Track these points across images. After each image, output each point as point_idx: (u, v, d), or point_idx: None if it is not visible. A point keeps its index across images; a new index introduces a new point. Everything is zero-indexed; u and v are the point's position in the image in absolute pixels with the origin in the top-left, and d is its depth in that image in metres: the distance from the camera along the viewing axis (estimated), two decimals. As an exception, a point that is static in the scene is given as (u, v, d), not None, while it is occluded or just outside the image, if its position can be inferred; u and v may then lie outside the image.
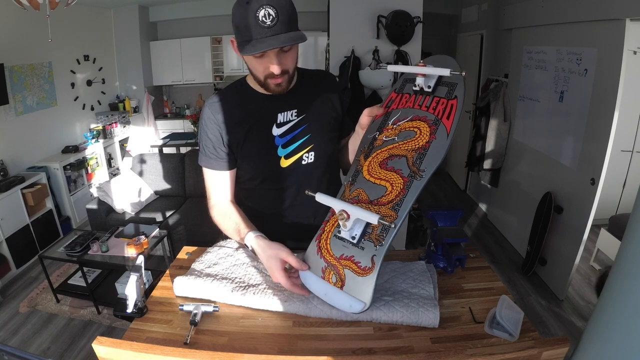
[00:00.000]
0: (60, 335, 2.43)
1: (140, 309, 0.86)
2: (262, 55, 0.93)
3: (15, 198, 3.11)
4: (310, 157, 1.10)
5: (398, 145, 0.88)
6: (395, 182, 0.84)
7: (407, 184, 0.82)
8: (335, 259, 0.86)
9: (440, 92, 0.88)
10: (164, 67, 5.59)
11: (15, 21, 3.41)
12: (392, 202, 0.82)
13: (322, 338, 0.80)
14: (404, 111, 0.92)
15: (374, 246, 0.81)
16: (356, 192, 0.89)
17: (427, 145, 0.84)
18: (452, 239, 0.99)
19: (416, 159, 0.84)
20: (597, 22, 2.24)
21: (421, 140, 0.85)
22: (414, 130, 0.87)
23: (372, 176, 0.88)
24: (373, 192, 0.86)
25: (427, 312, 0.81)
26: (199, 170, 1.20)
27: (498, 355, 0.73)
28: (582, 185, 2.39)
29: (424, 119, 0.87)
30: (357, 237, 0.84)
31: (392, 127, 0.91)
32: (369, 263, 0.81)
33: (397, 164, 0.86)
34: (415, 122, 0.88)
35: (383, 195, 0.84)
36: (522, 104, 3.17)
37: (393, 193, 0.83)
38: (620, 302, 0.61)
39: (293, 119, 1.08)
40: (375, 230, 0.83)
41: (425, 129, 0.86)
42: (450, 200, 4.54)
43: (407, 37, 2.53)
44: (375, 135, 0.94)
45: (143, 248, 2.55)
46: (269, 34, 0.87)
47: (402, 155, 0.86)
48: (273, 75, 0.96)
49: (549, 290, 2.73)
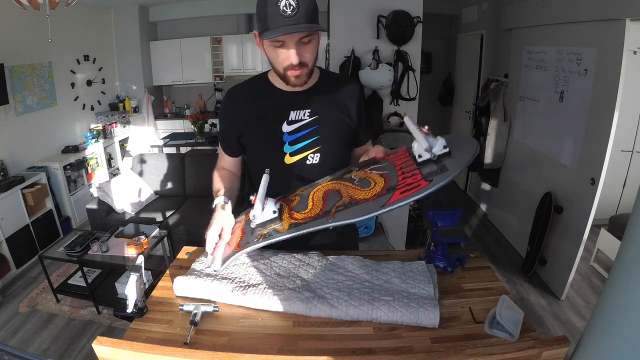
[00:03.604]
0: (60, 335, 2.43)
1: (140, 309, 0.86)
2: (282, 44, 0.95)
3: (15, 198, 3.11)
4: (316, 158, 1.11)
5: (349, 186, 0.91)
6: (314, 209, 0.90)
7: (317, 217, 0.87)
8: (238, 245, 0.93)
9: (427, 167, 0.83)
10: (164, 67, 5.59)
11: (15, 21, 3.41)
12: (299, 220, 0.89)
13: (322, 338, 0.80)
14: (388, 165, 0.92)
15: (257, 240, 0.90)
16: (296, 197, 1.00)
17: (362, 201, 0.84)
18: (452, 239, 0.99)
19: (343, 205, 0.86)
20: (597, 22, 2.24)
21: (363, 194, 0.86)
22: (372, 182, 0.88)
23: (314, 194, 0.96)
24: (301, 204, 0.95)
25: (427, 312, 0.81)
26: (199, 170, 1.23)
27: (498, 355, 0.73)
28: (582, 185, 2.39)
29: (388, 179, 0.86)
30: (256, 222, 0.94)
31: (365, 171, 0.94)
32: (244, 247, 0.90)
33: (332, 198, 0.90)
34: (380, 178, 0.88)
35: (300, 212, 0.92)
36: (522, 104, 3.17)
37: (306, 214, 0.90)
38: (620, 302, 0.61)
39: (305, 119, 1.09)
40: (266, 229, 0.92)
41: (378, 188, 0.85)
42: (450, 200, 4.54)
43: (407, 37, 2.53)
44: (352, 168, 0.99)
45: (143, 248, 2.55)
46: (288, 23, 0.90)
47: (341, 196, 0.89)
48: (292, 66, 0.97)
49: (549, 290, 2.73)
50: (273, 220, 0.94)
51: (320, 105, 1.11)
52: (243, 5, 5.24)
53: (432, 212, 1.03)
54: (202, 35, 5.49)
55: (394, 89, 2.63)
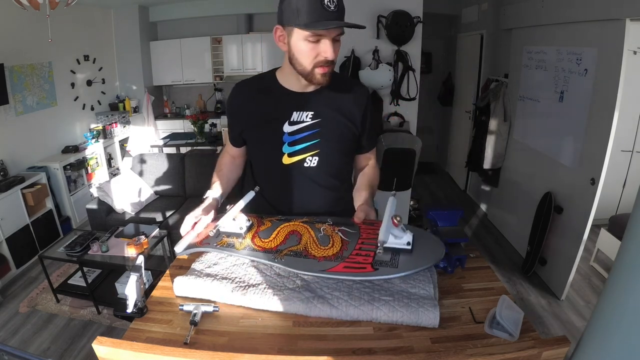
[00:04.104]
0: (60, 335, 2.43)
1: (140, 309, 0.86)
2: (318, 40, 0.95)
3: (15, 198, 3.11)
4: (314, 161, 1.11)
5: (312, 236, 0.96)
6: (272, 242, 0.96)
7: (269, 251, 0.93)
8: (201, 241, 1.01)
9: (382, 255, 0.87)
10: (164, 67, 5.59)
11: (15, 21, 3.41)
12: (256, 246, 0.96)
13: (322, 338, 0.80)
14: (355, 234, 0.97)
15: (215, 245, 0.98)
16: (269, 221, 1.06)
17: (310, 256, 0.90)
18: (452, 239, 0.99)
19: (294, 252, 0.91)
20: (597, 22, 2.24)
21: (315, 251, 0.91)
22: (330, 242, 0.94)
23: (282, 228, 1.01)
24: (267, 232, 1.00)
25: (427, 312, 0.81)
26: (199, 170, 1.27)
27: (498, 355, 0.73)
28: (582, 185, 2.39)
29: (344, 247, 0.91)
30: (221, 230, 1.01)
31: (334, 228, 0.98)
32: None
33: (291, 240, 0.96)
34: (339, 242, 0.94)
35: (262, 239, 0.98)
36: (522, 104, 3.17)
37: (263, 244, 0.96)
38: (620, 302, 0.61)
39: (307, 121, 1.08)
40: (228, 239, 0.99)
41: (330, 252, 0.91)
42: (450, 200, 4.54)
43: (407, 37, 2.53)
44: (327, 220, 1.03)
45: (143, 248, 2.55)
46: (332, 18, 0.92)
47: (299, 242, 0.95)
48: (324, 62, 0.97)
49: (549, 290, 2.73)
50: (237, 234, 0.99)
51: (325, 108, 1.09)
52: (243, 5, 5.25)
53: (432, 212, 1.03)
54: (202, 35, 5.49)
55: (394, 89, 2.63)
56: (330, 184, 1.18)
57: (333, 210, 1.18)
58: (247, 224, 1.01)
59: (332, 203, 1.20)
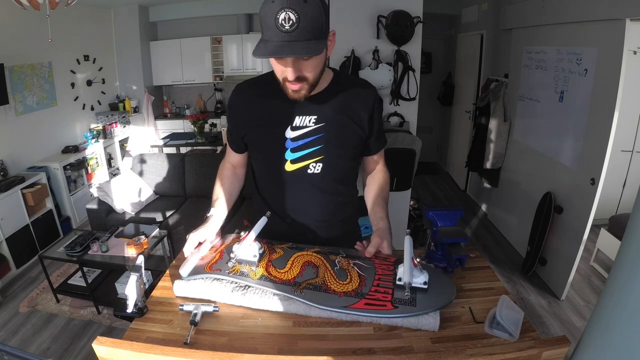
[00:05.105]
0: (60, 335, 2.43)
1: (140, 309, 0.86)
2: (279, 58, 0.88)
3: (15, 198, 3.11)
4: (317, 168, 1.06)
5: (328, 269, 0.94)
6: (289, 274, 0.92)
7: (287, 283, 0.90)
8: (210, 266, 0.97)
9: (400, 292, 0.86)
10: (164, 67, 5.59)
11: (15, 21, 3.41)
12: (272, 276, 0.92)
13: (322, 338, 0.80)
14: (370, 269, 0.95)
15: (228, 272, 0.94)
16: (281, 249, 1.02)
17: (330, 291, 0.88)
18: (452, 239, 0.99)
19: (314, 286, 0.89)
20: (597, 22, 2.24)
21: (335, 286, 0.89)
22: (348, 277, 0.92)
23: (296, 258, 0.97)
24: (281, 260, 0.97)
25: (427, 316, 0.81)
26: (199, 170, 1.24)
27: (498, 355, 0.73)
28: (582, 185, 2.39)
29: (363, 283, 0.90)
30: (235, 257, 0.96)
31: (349, 262, 0.96)
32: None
33: (308, 272, 0.93)
34: (357, 277, 0.91)
35: (277, 269, 0.94)
36: (522, 104, 3.17)
37: (280, 275, 0.92)
38: (620, 302, 0.61)
39: (310, 126, 1.03)
40: (240, 267, 0.96)
41: (350, 287, 0.89)
42: (450, 200, 4.53)
43: (407, 37, 2.53)
44: (340, 252, 1.02)
45: (143, 248, 2.55)
46: (285, 39, 0.82)
47: (317, 275, 0.92)
48: (289, 80, 0.91)
49: (549, 290, 2.73)
50: (251, 262, 0.96)
51: (329, 112, 1.03)
52: (243, 5, 5.24)
53: (432, 212, 1.02)
54: (202, 35, 5.49)
55: (394, 89, 2.63)
56: (335, 190, 1.14)
57: (336, 218, 1.17)
58: (260, 251, 0.98)
59: (337, 209, 1.17)
